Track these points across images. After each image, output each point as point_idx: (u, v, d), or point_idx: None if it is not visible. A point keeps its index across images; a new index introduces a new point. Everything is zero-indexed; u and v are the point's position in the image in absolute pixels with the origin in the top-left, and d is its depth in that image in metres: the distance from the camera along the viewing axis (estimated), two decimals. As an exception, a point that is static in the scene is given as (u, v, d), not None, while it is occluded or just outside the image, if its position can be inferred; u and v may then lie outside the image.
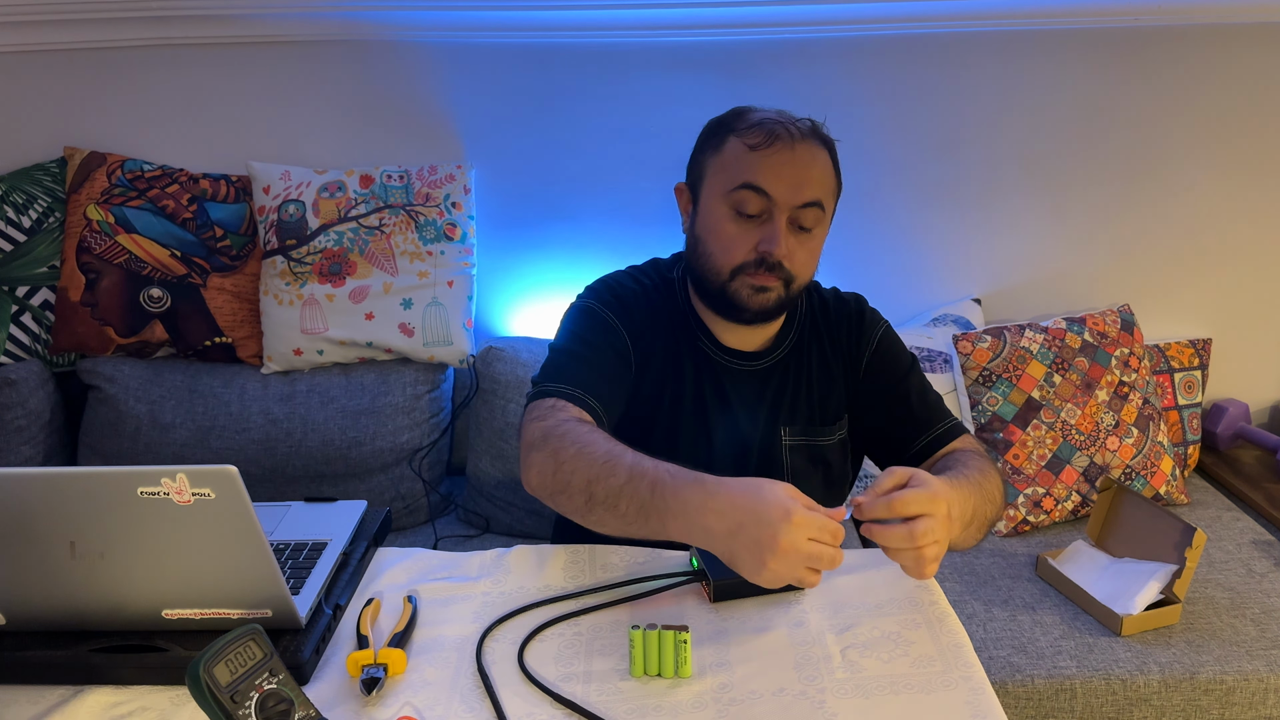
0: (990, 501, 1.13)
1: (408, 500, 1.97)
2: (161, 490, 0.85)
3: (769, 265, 1.18)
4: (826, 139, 1.23)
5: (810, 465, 1.29)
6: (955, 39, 2.02)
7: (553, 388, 1.16)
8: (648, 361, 1.27)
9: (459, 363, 2.00)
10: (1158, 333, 2.22)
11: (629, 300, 1.28)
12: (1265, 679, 1.53)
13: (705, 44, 2.01)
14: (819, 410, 1.30)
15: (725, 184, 1.20)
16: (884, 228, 2.14)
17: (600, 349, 1.23)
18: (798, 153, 1.18)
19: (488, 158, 2.07)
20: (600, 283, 1.31)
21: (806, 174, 1.18)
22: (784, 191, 1.17)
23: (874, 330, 1.33)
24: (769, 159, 1.17)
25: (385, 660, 0.93)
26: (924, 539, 0.93)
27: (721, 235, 1.20)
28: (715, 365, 1.28)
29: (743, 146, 1.19)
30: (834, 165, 1.23)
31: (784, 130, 1.18)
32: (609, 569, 1.11)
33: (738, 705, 0.89)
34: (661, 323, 1.28)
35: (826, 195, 1.21)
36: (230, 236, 1.99)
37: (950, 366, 2.04)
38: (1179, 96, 2.09)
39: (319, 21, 1.97)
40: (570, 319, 1.28)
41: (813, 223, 1.20)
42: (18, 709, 0.91)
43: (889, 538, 0.94)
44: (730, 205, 1.19)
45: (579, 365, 1.20)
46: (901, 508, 0.93)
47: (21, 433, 1.89)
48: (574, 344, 1.23)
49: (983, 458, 1.22)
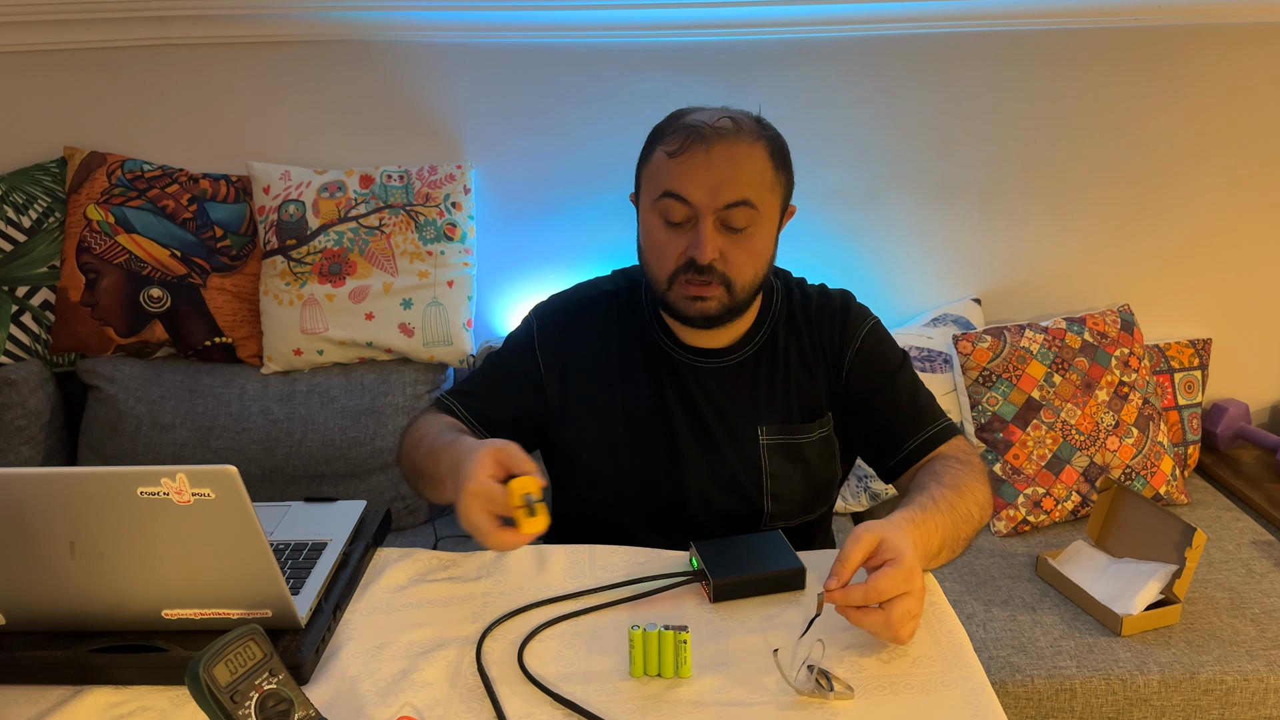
0: (966, 520, 1.11)
1: (408, 500, 1.97)
2: (161, 490, 0.85)
3: (699, 269, 1.18)
4: (764, 132, 1.20)
5: (790, 464, 1.28)
6: (955, 39, 2.02)
7: (440, 397, 1.33)
8: (589, 369, 1.30)
9: (459, 363, 2.00)
10: (1158, 333, 2.22)
11: (573, 308, 1.34)
12: (1265, 679, 1.53)
13: (705, 44, 2.01)
14: (797, 407, 1.29)
15: (651, 194, 1.21)
16: (884, 228, 2.14)
17: (499, 367, 1.34)
18: (714, 155, 1.16)
19: (488, 158, 2.07)
20: (559, 293, 1.38)
21: (726, 175, 1.15)
22: (702, 195, 1.16)
23: (858, 327, 1.30)
24: (684, 164, 1.16)
25: (539, 499, 0.99)
26: (901, 624, 0.93)
27: (654, 245, 1.22)
28: (677, 364, 1.29)
29: (663, 154, 1.19)
30: (773, 159, 1.19)
31: (699, 134, 1.17)
32: (609, 569, 1.11)
33: (737, 705, 0.89)
34: (613, 326, 1.32)
35: (759, 192, 1.18)
36: (230, 236, 1.99)
37: (950, 366, 2.04)
38: (1179, 96, 2.09)
39: (319, 21, 1.97)
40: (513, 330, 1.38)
41: (745, 222, 1.17)
42: (18, 709, 0.91)
43: (867, 624, 0.93)
44: (659, 214, 1.20)
45: (474, 378, 1.34)
46: (877, 596, 0.92)
47: (21, 433, 1.89)
48: (489, 359, 1.36)
49: (966, 466, 1.19)
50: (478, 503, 0.99)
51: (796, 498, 1.29)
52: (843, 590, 0.92)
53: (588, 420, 1.29)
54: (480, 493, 0.99)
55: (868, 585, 0.92)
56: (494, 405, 1.30)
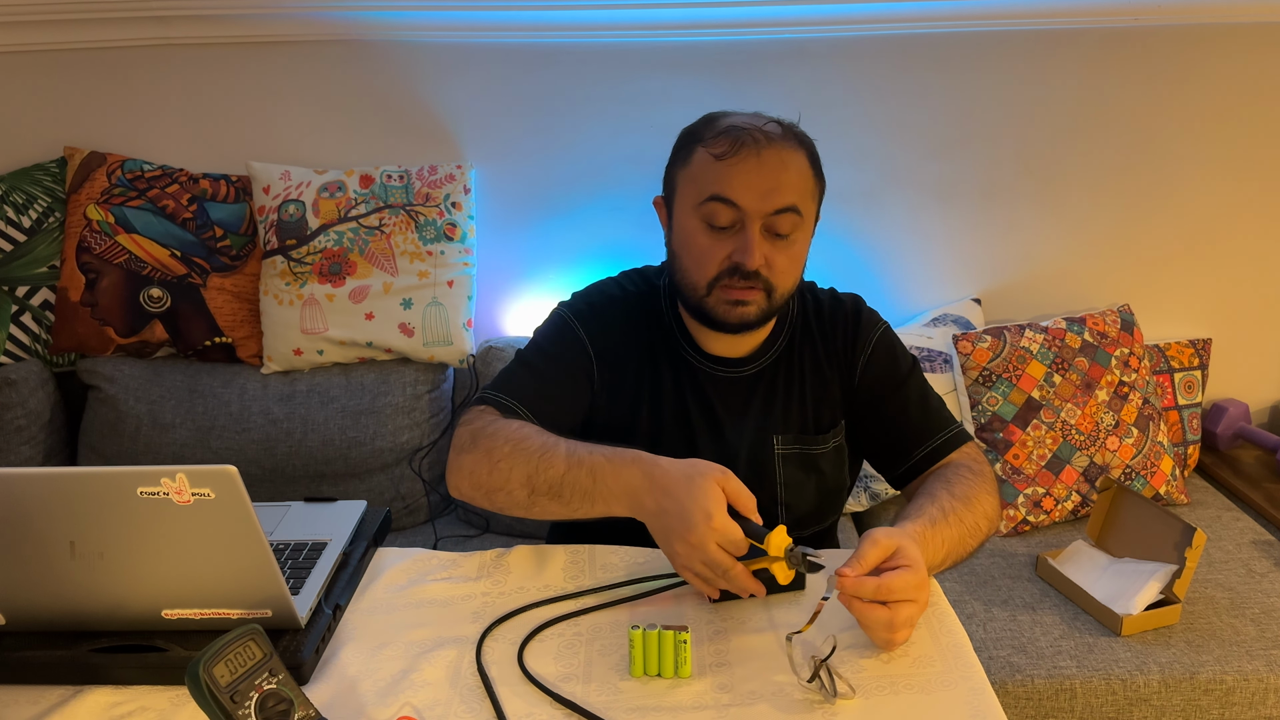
0: (973, 533, 1.11)
1: (408, 500, 1.98)
2: (161, 490, 0.85)
3: (744, 274, 1.15)
4: (803, 139, 1.19)
5: (804, 474, 1.26)
6: (955, 39, 2.02)
7: (488, 395, 1.20)
8: (621, 371, 1.25)
9: (459, 363, 2.00)
10: (1158, 333, 2.22)
11: (606, 309, 1.27)
12: (1265, 679, 1.53)
13: (705, 44, 2.01)
14: (812, 418, 1.27)
15: (694, 197, 1.17)
16: (884, 228, 2.14)
17: (553, 359, 1.24)
18: (765, 159, 1.14)
19: (488, 158, 2.07)
20: (582, 290, 1.31)
21: (776, 180, 1.14)
22: (753, 200, 1.14)
23: (870, 332, 1.28)
24: (735, 168, 1.14)
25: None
26: (901, 626, 0.92)
27: (694, 249, 1.18)
28: (698, 373, 1.26)
29: (709, 157, 1.16)
30: (812, 166, 1.19)
31: (749, 137, 1.15)
32: (609, 569, 1.11)
33: (737, 705, 0.89)
34: (641, 331, 1.27)
35: (803, 198, 1.17)
36: (230, 236, 1.99)
37: (950, 366, 2.04)
38: (1179, 96, 2.09)
39: (319, 21, 1.97)
40: (540, 328, 1.29)
41: (789, 228, 1.16)
42: (18, 709, 0.91)
43: (869, 618, 0.92)
44: (701, 218, 1.17)
45: (524, 374, 1.23)
46: (887, 594, 0.91)
47: (21, 433, 1.89)
48: (530, 353, 1.26)
49: (976, 476, 1.18)
50: (717, 538, 0.93)
51: (809, 507, 1.28)
52: (855, 579, 0.92)
53: (611, 421, 1.25)
54: (724, 532, 0.93)
55: (880, 581, 0.92)
56: (563, 409, 1.22)
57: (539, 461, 1.06)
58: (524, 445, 1.08)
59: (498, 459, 1.08)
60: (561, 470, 1.04)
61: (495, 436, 1.10)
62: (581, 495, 1.03)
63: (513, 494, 1.07)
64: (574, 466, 1.04)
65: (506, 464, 1.07)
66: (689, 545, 0.94)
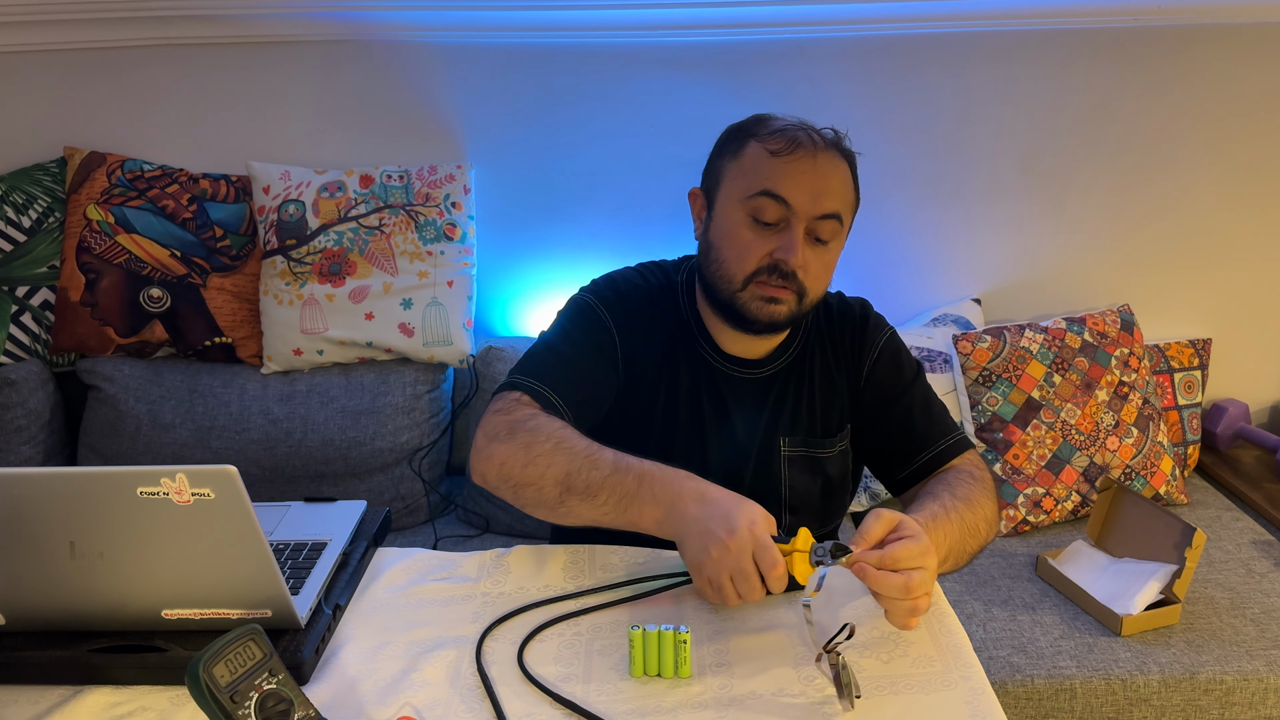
0: (973, 534, 1.11)
1: (408, 500, 1.98)
2: (161, 490, 0.85)
3: (783, 274, 1.15)
4: (848, 152, 1.20)
5: (809, 476, 1.27)
6: (955, 39, 2.02)
7: (521, 381, 1.17)
8: (641, 362, 1.24)
9: (459, 363, 2.00)
10: (1158, 333, 2.22)
11: (631, 297, 1.26)
12: (1265, 679, 1.53)
13: (705, 44, 2.01)
14: (820, 421, 1.27)
15: (744, 190, 1.17)
16: (884, 228, 2.14)
17: (583, 348, 1.22)
18: (819, 162, 1.15)
19: (488, 158, 2.07)
20: (605, 277, 1.30)
21: (827, 184, 1.16)
22: (804, 200, 1.14)
23: (877, 337, 1.29)
24: (790, 166, 1.15)
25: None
26: (918, 590, 0.92)
27: (736, 241, 1.17)
28: (714, 372, 1.26)
29: (764, 152, 1.16)
30: (854, 179, 1.21)
31: (807, 138, 1.16)
32: (609, 569, 1.11)
33: (737, 705, 0.89)
34: (661, 324, 1.26)
35: (845, 208, 1.18)
36: (230, 236, 1.99)
37: (950, 366, 2.04)
38: (1179, 96, 2.09)
39: (319, 21, 1.97)
40: (564, 312, 1.27)
41: (830, 235, 1.17)
42: (18, 709, 0.91)
43: (884, 585, 0.92)
44: (747, 211, 1.16)
45: (556, 362, 1.20)
46: (893, 563, 0.92)
47: (21, 433, 1.89)
48: (558, 339, 1.23)
49: (977, 481, 1.18)
50: (754, 547, 0.94)
51: (814, 510, 1.28)
52: (861, 551, 0.93)
53: (626, 415, 1.24)
54: (763, 541, 0.93)
55: (884, 551, 0.92)
56: (596, 399, 1.21)
57: (584, 461, 1.04)
58: (567, 444, 1.06)
59: (536, 454, 1.06)
60: (606, 473, 1.03)
61: (537, 432, 1.08)
62: (619, 498, 1.02)
63: (543, 490, 1.06)
64: (620, 471, 1.03)
65: (545, 460, 1.06)
66: (726, 549, 0.93)
